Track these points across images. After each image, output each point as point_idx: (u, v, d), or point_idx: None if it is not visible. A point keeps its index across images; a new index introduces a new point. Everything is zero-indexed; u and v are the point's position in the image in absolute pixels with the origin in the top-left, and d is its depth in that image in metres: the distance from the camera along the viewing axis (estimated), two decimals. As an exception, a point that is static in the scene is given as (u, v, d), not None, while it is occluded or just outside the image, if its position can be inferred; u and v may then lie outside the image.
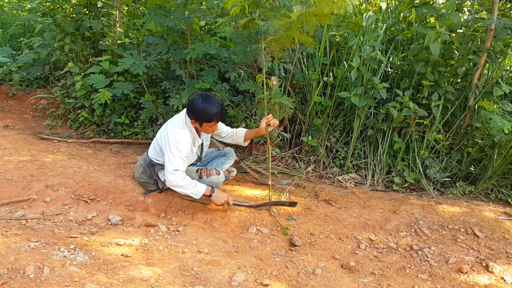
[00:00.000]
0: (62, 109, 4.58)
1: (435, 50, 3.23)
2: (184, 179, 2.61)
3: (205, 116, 2.61)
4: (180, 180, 2.59)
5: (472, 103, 3.62)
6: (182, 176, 2.61)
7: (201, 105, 2.58)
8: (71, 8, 4.42)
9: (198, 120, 2.65)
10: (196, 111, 2.61)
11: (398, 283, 2.23)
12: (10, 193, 2.65)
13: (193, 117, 2.66)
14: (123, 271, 1.89)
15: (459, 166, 3.67)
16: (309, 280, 2.18)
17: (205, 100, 2.60)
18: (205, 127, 2.70)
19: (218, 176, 2.84)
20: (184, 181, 2.60)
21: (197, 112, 2.61)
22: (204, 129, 2.73)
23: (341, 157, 3.88)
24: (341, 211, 3.03)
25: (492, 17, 3.39)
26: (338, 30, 4.04)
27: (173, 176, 2.59)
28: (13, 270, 1.74)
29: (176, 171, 2.59)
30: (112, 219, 2.51)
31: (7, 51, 5.49)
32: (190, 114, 2.67)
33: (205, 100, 2.60)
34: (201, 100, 2.59)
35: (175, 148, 2.62)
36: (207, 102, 2.60)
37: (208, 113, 2.59)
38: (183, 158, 2.63)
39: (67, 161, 3.28)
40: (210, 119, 2.62)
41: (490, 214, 3.06)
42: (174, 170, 2.59)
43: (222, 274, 2.06)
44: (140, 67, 3.69)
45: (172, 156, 2.61)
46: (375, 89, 3.56)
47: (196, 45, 3.57)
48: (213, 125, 2.69)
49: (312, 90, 3.88)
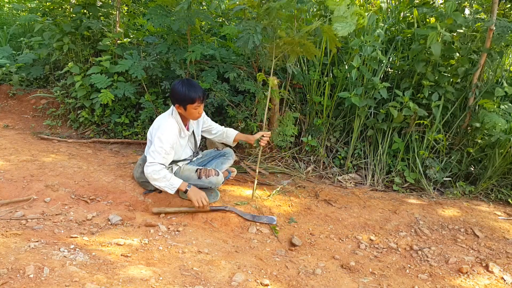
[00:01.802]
0: (62, 109, 4.58)
1: (436, 50, 3.23)
2: (159, 172, 2.62)
3: (188, 97, 2.63)
4: (155, 172, 2.61)
5: (472, 103, 3.63)
6: (158, 169, 2.62)
7: (182, 87, 2.63)
8: (70, 8, 4.42)
9: (182, 103, 2.67)
10: (178, 94, 2.64)
11: (398, 283, 2.23)
12: (10, 193, 2.65)
13: (176, 101, 2.68)
14: (123, 271, 1.88)
15: (459, 166, 3.67)
16: (309, 280, 2.18)
17: (186, 83, 2.66)
18: (190, 110, 2.70)
19: (217, 176, 2.84)
20: (159, 174, 2.62)
21: (179, 95, 2.64)
22: (190, 113, 2.73)
23: (341, 157, 3.88)
24: (341, 211, 3.03)
25: (492, 17, 3.40)
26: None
27: (149, 168, 2.62)
28: (13, 270, 1.74)
29: (152, 163, 2.63)
30: (112, 219, 2.50)
31: (7, 50, 5.49)
32: (173, 99, 2.70)
33: (185, 83, 2.67)
34: (181, 83, 2.66)
35: (158, 140, 2.65)
36: (188, 84, 2.66)
37: (191, 93, 2.63)
38: (165, 150, 2.65)
39: (67, 161, 3.28)
40: (193, 99, 2.64)
41: (490, 214, 3.06)
42: (150, 162, 2.63)
43: (222, 274, 2.06)
44: (139, 69, 3.68)
45: (154, 149, 2.65)
46: (376, 89, 3.56)
47: (195, 47, 3.57)
48: (197, 106, 2.69)
49: (312, 90, 3.88)
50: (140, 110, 4.26)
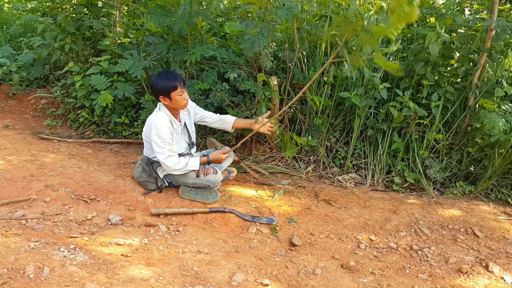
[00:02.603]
0: (62, 109, 4.58)
1: (434, 50, 3.23)
2: (179, 163, 2.74)
3: (169, 85, 2.66)
4: (176, 164, 2.73)
5: (472, 103, 3.62)
6: (176, 161, 2.73)
7: (160, 78, 2.68)
8: (71, 8, 4.42)
9: (165, 93, 2.69)
10: (159, 85, 2.68)
11: (398, 283, 2.23)
12: (10, 193, 2.65)
13: (160, 93, 2.71)
14: (123, 271, 1.89)
15: (459, 166, 3.67)
16: (309, 280, 2.18)
17: (162, 74, 2.71)
18: (175, 98, 2.71)
19: (215, 175, 2.85)
20: (180, 165, 2.75)
21: (160, 86, 2.68)
22: (176, 101, 2.74)
23: (341, 157, 3.88)
24: (341, 211, 3.03)
25: (492, 17, 3.39)
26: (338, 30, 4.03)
27: (168, 162, 2.72)
28: (13, 270, 1.74)
29: (168, 157, 2.72)
30: (112, 219, 2.50)
31: (7, 50, 5.49)
32: (157, 93, 2.73)
33: (162, 74, 2.72)
34: (158, 76, 2.71)
35: (157, 136, 2.70)
36: (165, 74, 2.71)
37: (170, 81, 2.66)
38: (168, 142, 2.72)
39: (67, 161, 3.28)
40: (175, 86, 2.67)
41: (490, 214, 3.06)
42: (165, 157, 2.71)
43: (222, 274, 2.06)
44: (139, 69, 3.68)
45: (158, 145, 2.71)
46: (376, 89, 3.56)
47: (195, 49, 3.57)
48: (181, 91, 2.71)
49: (312, 90, 3.88)
50: (140, 110, 4.25)
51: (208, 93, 3.83)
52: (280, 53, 4.18)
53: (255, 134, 3.90)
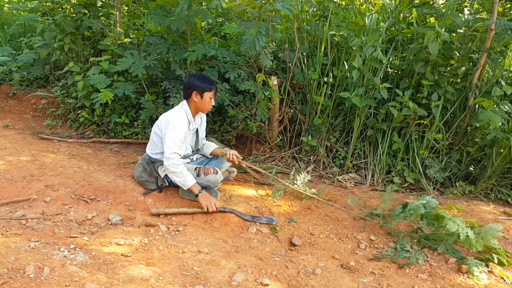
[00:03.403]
0: (62, 109, 4.58)
1: (433, 49, 3.23)
2: (177, 166, 2.73)
3: (207, 84, 2.81)
4: (174, 166, 2.72)
5: (472, 103, 3.63)
6: (177, 163, 2.73)
7: (200, 77, 2.85)
8: (71, 8, 4.42)
9: (201, 89, 2.80)
10: (198, 82, 2.81)
11: (398, 283, 2.23)
12: (10, 193, 2.65)
13: (195, 89, 2.80)
14: (123, 271, 1.89)
15: (459, 166, 3.68)
16: (309, 280, 2.18)
17: (201, 75, 2.92)
18: (205, 99, 2.83)
19: (216, 175, 2.85)
20: (177, 169, 2.73)
21: (198, 82, 2.81)
22: (204, 102, 2.85)
23: (341, 157, 3.88)
24: (341, 211, 3.03)
25: (492, 17, 3.40)
26: (338, 30, 4.04)
27: (169, 160, 2.72)
28: (13, 270, 1.74)
29: (174, 153, 2.73)
30: (112, 219, 2.50)
31: (7, 50, 5.49)
32: (191, 88, 2.82)
33: (201, 75, 2.93)
34: (198, 75, 2.90)
35: (172, 130, 2.75)
36: (204, 76, 2.92)
37: (209, 81, 2.83)
38: (180, 139, 2.75)
39: (67, 161, 3.29)
40: (211, 88, 2.82)
41: (489, 214, 3.06)
42: (171, 153, 2.72)
43: (222, 274, 2.06)
44: (139, 68, 3.69)
45: (170, 140, 2.74)
46: (376, 89, 3.56)
47: (196, 47, 3.57)
48: (212, 95, 2.86)
49: (312, 90, 3.88)
50: (140, 110, 4.26)
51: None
52: (280, 53, 4.18)
53: (254, 134, 3.92)
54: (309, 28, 3.95)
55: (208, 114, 3.90)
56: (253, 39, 3.10)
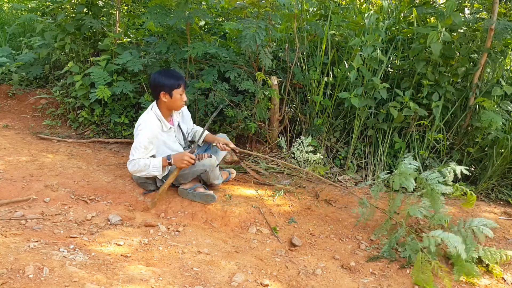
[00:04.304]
0: (61, 109, 4.57)
1: (436, 50, 3.22)
2: (137, 163, 2.65)
3: (173, 81, 2.66)
4: (134, 166, 2.66)
5: (473, 103, 3.62)
6: (134, 163, 2.66)
7: (165, 75, 2.69)
8: (71, 8, 4.41)
9: (168, 89, 2.67)
10: (162, 81, 2.67)
11: (399, 283, 2.22)
12: (10, 193, 2.64)
13: (162, 89, 2.68)
14: (122, 271, 1.88)
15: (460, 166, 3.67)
16: (309, 280, 2.17)
17: (166, 71, 2.73)
18: (175, 97, 2.71)
19: (210, 158, 2.80)
20: (138, 165, 2.65)
21: (163, 81, 2.67)
22: (175, 100, 2.73)
23: (341, 157, 3.87)
24: (341, 211, 3.02)
25: (492, 17, 3.39)
26: (338, 30, 4.04)
27: (129, 165, 2.68)
28: (12, 270, 1.73)
29: (132, 161, 2.67)
30: (111, 219, 2.50)
31: (6, 50, 5.47)
32: (158, 89, 2.69)
33: (166, 71, 2.73)
34: (162, 72, 2.72)
35: (136, 136, 2.69)
36: (169, 70, 2.74)
37: (175, 78, 2.67)
38: (144, 145, 2.66)
39: (67, 161, 3.28)
40: (179, 84, 2.68)
41: (490, 214, 3.06)
42: (132, 157, 2.67)
43: (222, 274, 2.06)
44: (137, 64, 3.68)
45: (134, 145, 2.68)
46: (376, 89, 3.56)
47: (196, 44, 3.56)
48: (182, 91, 2.73)
49: (312, 90, 3.87)
50: (139, 110, 4.25)
51: (208, 93, 3.82)
52: (280, 53, 4.17)
53: (254, 134, 3.91)
54: (309, 27, 3.95)
55: (208, 114, 3.89)
56: (253, 35, 3.10)
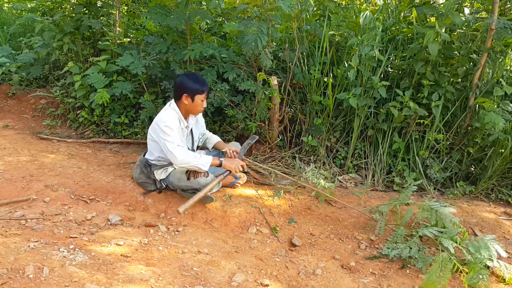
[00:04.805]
0: (61, 109, 4.57)
1: (433, 49, 3.22)
2: (188, 152, 2.67)
3: (199, 87, 2.71)
4: (184, 155, 2.64)
5: (473, 103, 3.62)
6: (185, 151, 2.66)
7: (192, 78, 2.73)
8: (70, 8, 4.41)
9: (191, 93, 2.71)
10: (188, 84, 2.71)
11: (399, 283, 2.22)
12: (10, 193, 2.64)
13: (186, 91, 2.72)
14: (122, 271, 1.88)
15: (460, 166, 3.67)
16: (309, 280, 2.17)
17: (193, 75, 2.78)
18: (196, 102, 2.75)
19: (206, 178, 2.77)
20: (188, 158, 2.65)
21: (189, 85, 2.71)
22: (195, 105, 2.77)
23: (341, 157, 3.87)
24: (341, 211, 3.02)
25: (492, 16, 3.39)
26: (338, 30, 4.03)
27: (176, 152, 2.62)
28: (12, 270, 1.73)
29: (178, 146, 2.64)
30: (111, 219, 2.50)
31: (6, 50, 5.48)
32: (182, 90, 2.72)
33: (193, 75, 2.78)
34: (190, 75, 2.76)
35: (166, 127, 2.66)
36: (196, 75, 2.78)
37: (200, 84, 2.72)
38: (177, 132, 2.67)
39: (67, 161, 3.28)
40: (203, 90, 2.73)
41: (490, 214, 3.06)
42: (174, 147, 2.63)
43: (222, 274, 2.06)
44: (139, 66, 3.68)
45: (167, 134, 2.65)
46: (375, 89, 3.56)
47: (195, 46, 3.56)
48: (204, 98, 2.77)
49: (312, 90, 3.87)
50: (139, 109, 4.25)
51: (208, 93, 3.82)
52: (280, 53, 4.17)
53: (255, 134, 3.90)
54: (309, 27, 3.95)
55: (208, 114, 3.89)
56: (255, 39, 3.09)
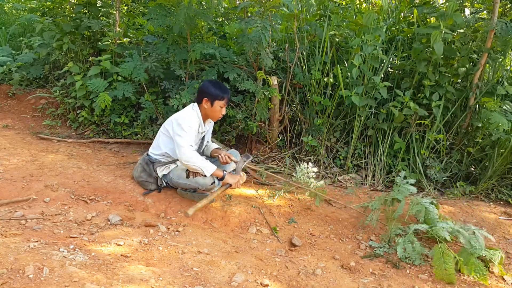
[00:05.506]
0: (61, 109, 4.57)
1: (438, 49, 3.22)
2: (197, 154, 2.74)
3: (220, 93, 2.80)
4: (193, 154, 2.71)
5: (473, 103, 3.62)
6: (191, 155, 2.71)
7: (215, 84, 2.84)
8: (70, 8, 4.41)
9: (212, 97, 2.79)
10: (210, 89, 2.80)
11: (399, 283, 2.22)
12: (10, 193, 2.64)
13: (207, 95, 2.80)
14: (122, 271, 1.88)
15: (460, 166, 3.67)
16: (309, 280, 2.17)
17: (217, 82, 2.89)
18: (216, 108, 2.82)
19: (204, 178, 2.80)
20: (193, 159, 2.70)
21: (211, 90, 2.80)
22: (214, 111, 2.84)
23: (341, 157, 3.87)
24: (341, 211, 3.02)
25: (493, 17, 3.39)
26: (338, 30, 4.03)
27: (186, 149, 2.69)
28: (12, 270, 1.73)
29: (191, 146, 2.72)
30: (111, 219, 2.50)
31: (7, 50, 5.48)
32: (203, 94, 2.81)
33: (217, 82, 2.90)
34: (213, 82, 2.87)
35: (186, 126, 2.73)
36: (220, 83, 2.89)
37: (222, 90, 2.81)
38: (193, 129, 2.75)
39: (67, 161, 3.28)
40: (223, 97, 2.81)
41: (490, 214, 3.06)
42: (186, 144, 2.70)
43: (222, 274, 2.06)
44: (141, 72, 3.68)
45: (184, 133, 2.72)
46: (376, 89, 3.56)
47: (196, 46, 3.56)
48: (223, 105, 2.84)
49: (312, 90, 3.87)
50: (139, 110, 4.25)
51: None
52: (280, 53, 4.17)
53: (255, 134, 3.91)
54: (309, 27, 3.95)
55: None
56: (259, 35, 3.11)
